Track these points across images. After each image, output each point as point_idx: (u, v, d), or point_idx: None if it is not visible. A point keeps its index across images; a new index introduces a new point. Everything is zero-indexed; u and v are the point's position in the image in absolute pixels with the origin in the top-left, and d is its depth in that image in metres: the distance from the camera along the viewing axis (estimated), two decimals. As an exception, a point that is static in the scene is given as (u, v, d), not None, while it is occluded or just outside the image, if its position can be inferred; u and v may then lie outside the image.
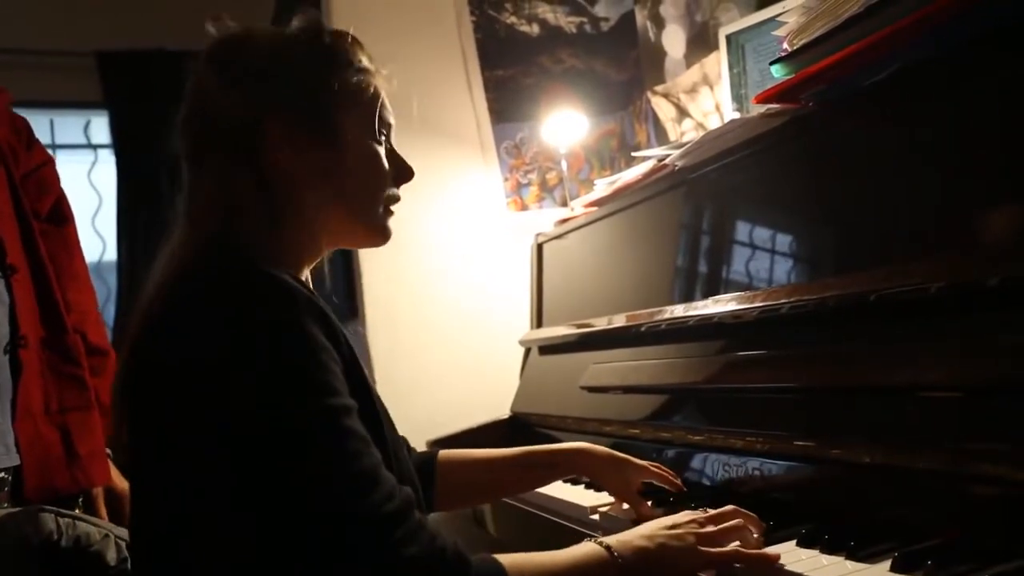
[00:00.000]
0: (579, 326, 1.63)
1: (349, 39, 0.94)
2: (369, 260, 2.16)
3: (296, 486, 0.70)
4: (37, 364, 1.37)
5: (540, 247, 1.94)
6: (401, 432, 1.23)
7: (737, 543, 0.86)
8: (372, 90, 0.94)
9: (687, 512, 0.90)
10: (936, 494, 0.78)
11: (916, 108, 0.94)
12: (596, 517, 1.16)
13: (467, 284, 2.22)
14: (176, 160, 0.91)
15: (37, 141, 1.55)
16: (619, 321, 1.47)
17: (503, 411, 1.83)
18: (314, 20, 0.94)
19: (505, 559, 0.76)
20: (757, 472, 1.03)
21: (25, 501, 1.25)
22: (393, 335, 2.14)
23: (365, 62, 0.94)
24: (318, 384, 0.73)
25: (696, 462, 1.15)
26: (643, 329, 1.37)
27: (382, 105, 0.95)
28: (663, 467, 1.13)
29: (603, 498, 1.21)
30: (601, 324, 1.54)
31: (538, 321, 1.90)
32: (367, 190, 0.94)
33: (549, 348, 1.79)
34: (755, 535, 0.87)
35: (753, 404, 1.07)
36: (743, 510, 0.89)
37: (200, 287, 0.78)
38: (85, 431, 1.40)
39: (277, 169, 0.86)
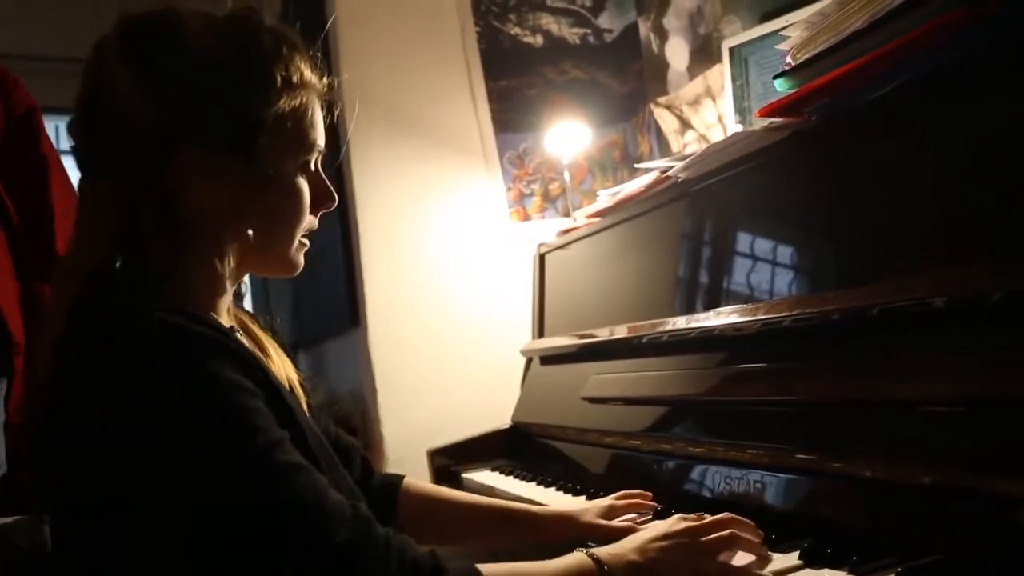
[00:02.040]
0: (581, 336, 1.63)
1: (290, 44, 0.83)
2: (371, 269, 2.16)
3: (247, 538, 0.67)
4: (24, 366, 1.33)
5: (542, 257, 1.94)
6: (401, 441, 1.23)
7: (738, 552, 0.85)
8: (305, 111, 0.83)
9: (679, 517, 0.87)
10: (939, 509, 0.78)
11: (919, 122, 0.94)
12: None
13: (469, 293, 2.22)
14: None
15: (18, 92, 1.42)
16: (621, 332, 1.47)
17: (504, 421, 1.82)
18: (251, 17, 0.83)
19: (487, 568, 0.74)
20: (758, 485, 1.02)
21: (14, 508, 1.22)
22: (394, 344, 2.14)
23: (306, 74, 0.83)
24: (242, 428, 0.68)
25: (697, 474, 1.15)
26: (644, 340, 1.37)
27: (313, 126, 0.84)
28: (628, 494, 1.10)
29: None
30: (603, 335, 1.54)
31: (539, 331, 1.90)
32: (283, 228, 0.84)
33: (550, 358, 1.79)
34: (755, 541, 0.86)
35: (754, 417, 1.06)
36: (740, 518, 0.87)
37: (93, 346, 0.70)
38: None
39: (183, 198, 0.78)
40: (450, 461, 1.76)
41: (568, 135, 2.15)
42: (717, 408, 1.15)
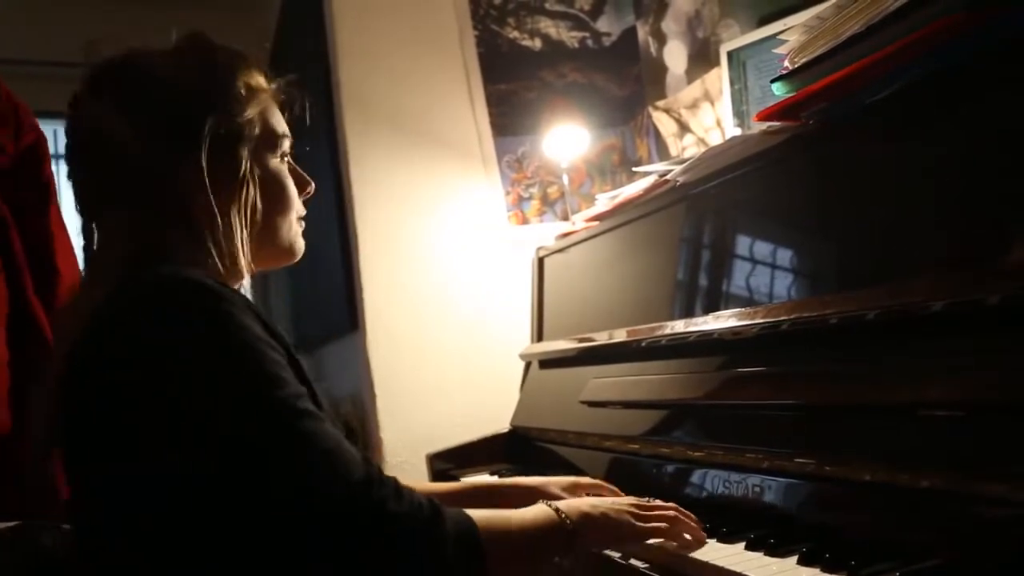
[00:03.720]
0: (579, 340, 1.63)
1: (242, 57, 0.95)
2: (369, 273, 2.16)
3: (271, 475, 0.73)
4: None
5: (541, 261, 1.94)
6: (400, 445, 1.25)
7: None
8: (268, 112, 0.95)
9: (632, 497, 1.03)
10: (937, 513, 0.78)
11: (917, 126, 0.95)
12: None
13: (468, 297, 2.22)
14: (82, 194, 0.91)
15: (27, 119, 1.46)
16: (619, 336, 1.47)
17: (503, 425, 1.82)
18: (204, 44, 0.94)
19: (474, 513, 0.82)
20: (757, 489, 1.02)
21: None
22: (393, 348, 2.14)
23: (260, 80, 0.95)
24: (267, 377, 0.76)
25: (696, 478, 1.15)
26: (643, 344, 1.37)
27: (278, 125, 0.97)
28: (595, 483, 1.20)
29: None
30: (602, 339, 1.54)
31: (538, 335, 1.90)
32: (279, 214, 0.96)
33: (549, 362, 1.79)
34: (692, 524, 0.97)
35: (753, 421, 1.06)
36: (683, 509, 0.99)
37: (130, 300, 0.79)
38: None
39: (192, 210, 0.87)
40: (449, 465, 1.76)
41: (567, 138, 2.15)
42: (716, 412, 1.15)
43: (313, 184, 1.02)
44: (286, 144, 0.98)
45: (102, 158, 0.88)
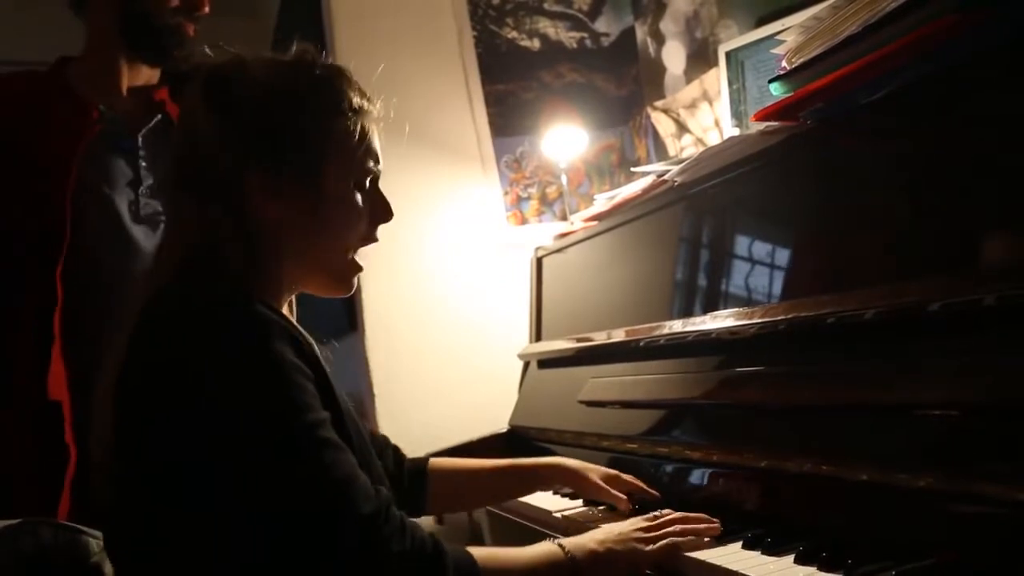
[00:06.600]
0: (578, 340, 1.63)
1: (342, 77, 0.96)
2: (368, 273, 2.16)
3: (282, 500, 0.76)
4: None
5: (539, 261, 1.95)
6: (399, 445, 1.25)
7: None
8: (359, 134, 0.94)
9: (638, 519, 1.00)
10: (934, 513, 0.78)
11: (914, 127, 0.95)
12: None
13: (467, 298, 2.22)
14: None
15: None
16: (618, 336, 1.47)
17: (501, 424, 1.83)
18: (307, 56, 0.95)
19: (476, 551, 0.83)
20: (754, 488, 1.03)
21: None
22: (392, 348, 2.14)
23: (357, 101, 0.95)
24: (291, 404, 0.78)
25: (694, 477, 1.15)
26: (642, 344, 1.37)
27: (368, 148, 0.95)
28: (630, 478, 1.19)
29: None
30: (600, 339, 1.54)
31: (537, 335, 1.90)
32: (337, 239, 0.94)
33: (548, 362, 1.79)
34: (700, 530, 0.96)
35: (751, 420, 1.07)
36: (691, 515, 0.99)
37: (176, 319, 0.82)
38: None
39: (255, 213, 0.88)
40: (448, 465, 1.76)
41: (565, 139, 2.15)
42: (714, 411, 1.15)
43: (392, 214, 0.99)
44: (370, 172, 0.95)
45: (186, 144, 0.91)
